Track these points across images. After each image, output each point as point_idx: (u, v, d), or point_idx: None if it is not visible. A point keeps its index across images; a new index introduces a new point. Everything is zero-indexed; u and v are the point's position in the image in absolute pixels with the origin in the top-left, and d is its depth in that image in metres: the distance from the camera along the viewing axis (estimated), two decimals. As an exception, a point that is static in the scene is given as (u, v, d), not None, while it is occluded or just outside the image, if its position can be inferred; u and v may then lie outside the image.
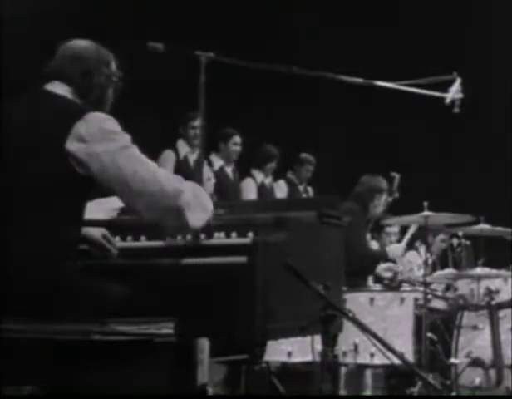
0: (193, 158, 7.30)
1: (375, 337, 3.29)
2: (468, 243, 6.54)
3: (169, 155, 7.44)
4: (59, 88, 3.14)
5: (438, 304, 6.05)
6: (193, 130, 7.32)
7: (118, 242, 3.38)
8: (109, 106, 3.27)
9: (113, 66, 3.28)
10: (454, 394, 5.41)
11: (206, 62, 4.47)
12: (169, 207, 3.01)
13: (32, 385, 2.94)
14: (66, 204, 3.00)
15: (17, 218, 2.97)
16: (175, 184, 3.05)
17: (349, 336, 5.43)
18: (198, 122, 6.68)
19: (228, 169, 7.88)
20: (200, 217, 3.09)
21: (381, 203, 6.81)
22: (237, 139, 7.80)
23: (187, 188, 3.06)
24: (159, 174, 3.04)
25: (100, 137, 2.99)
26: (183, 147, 7.47)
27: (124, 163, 2.98)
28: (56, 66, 3.18)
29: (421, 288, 5.73)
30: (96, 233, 3.30)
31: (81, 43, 3.26)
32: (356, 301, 5.74)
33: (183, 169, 7.29)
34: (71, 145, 2.96)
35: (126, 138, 3.06)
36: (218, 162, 7.79)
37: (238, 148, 7.84)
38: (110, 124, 3.05)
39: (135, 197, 3.00)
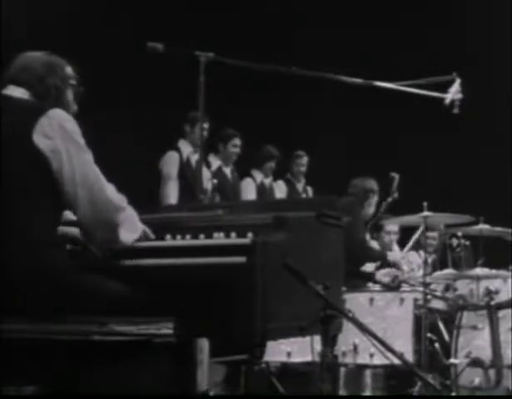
0: (194, 158, 7.28)
1: (374, 337, 3.29)
2: (467, 243, 6.54)
3: (172, 157, 7.40)
4: (16, 91, 3.21)
5: (438, 304, 6.04)
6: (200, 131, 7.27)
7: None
8: (71, 110, 3.30)
9: (69, 70, 3.33)
10: (453, 394, 5.41)
11: (206, 62, 4.48)
12: (108, 221, 3.12)
13: (32, 385, 2.94)
14: (43, 199, 3.05)
15: (6, 217, 2.99)
16: (119, 201, 3.16)
17: (349, 336, 5.43)
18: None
19: (227, 170, 7.87)
20: (130, 236, 3.21)
21: (373, 203, 6.93)
22: (237, 141, 7.76)
23: (127, 207, 3.18)
24: (106, 187, 3.13)
25: (62, 136, 3.05)
26: (185, 147, 7.44)
27: (78, 166, 3.06)
28: (10, 74, 3.25)
29: (421, 289, 5.73)
30: (76, 232, 3.33)
31: (33, 54, 3.33)
32: (355, 301, 5.74)
33: (186, 171, 7.28)
34: (38, 140, 3.03)
35: (83, 142, 3.12)
36: (216, 162, 7.77)
37: (237, 150, 7.79)
38: (71, 125, 3.11)
39: (80, 202, 3.07)
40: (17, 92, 3.20)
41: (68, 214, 3.24)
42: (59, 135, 3.05)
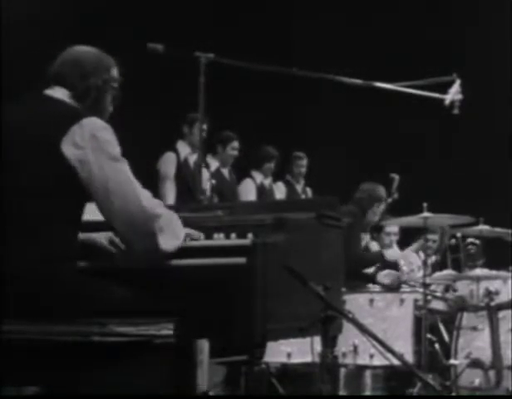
0: (193, 159, 7.29)
1: (374, 338, 3.29)
2: (478, 242, 6.45)
3: (170, 157, 7.41)
4: (58, 92, 3.16)
5: (438, 305, 6.04)
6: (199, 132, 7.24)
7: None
8: (108, 114, 3.26)
9: (114, 72, 3.28)
10: (453, 395, 5.41)
11: (206, 63, 4.48)
12: (145, 230, 3.04)
13: (33, 385, 2.94)
14: (63, 203, 3.01)
15: (16, 218, 2.97)
16: (155, 208, 3.07)
17: (349, 337, 5.43)
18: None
19: (225, 171, 7.88)
20: (172, 243, 3.12)
21: (378, 211, 6.93)
22: (235, 144, 7.79)
23: (164, 213, 3.09)
24: (141, 194, 3.05)
25: (93, 145, 3.00)
26: (183, 148, 7.45)
27: (110, 176, 3.00)
28: (55, 71, 3.21)
29: (421, 289, 5.73)
30: (102, 238, 3.30)
31: (83, 48, 3.28)
32: (355, 302, 5.74)
33: (183, 171, 7.29)
34: (66, 149, 2.98)
35: (118, 150, 3.07)
36: (214, 164, 7.77)
37: (235, 153, 7.82)
38: (105, 133, 3.05)
39: (114, 212, 3.02)
40: (58, 93, 3.15)
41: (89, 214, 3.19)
42: (90, 145, 2.99)
